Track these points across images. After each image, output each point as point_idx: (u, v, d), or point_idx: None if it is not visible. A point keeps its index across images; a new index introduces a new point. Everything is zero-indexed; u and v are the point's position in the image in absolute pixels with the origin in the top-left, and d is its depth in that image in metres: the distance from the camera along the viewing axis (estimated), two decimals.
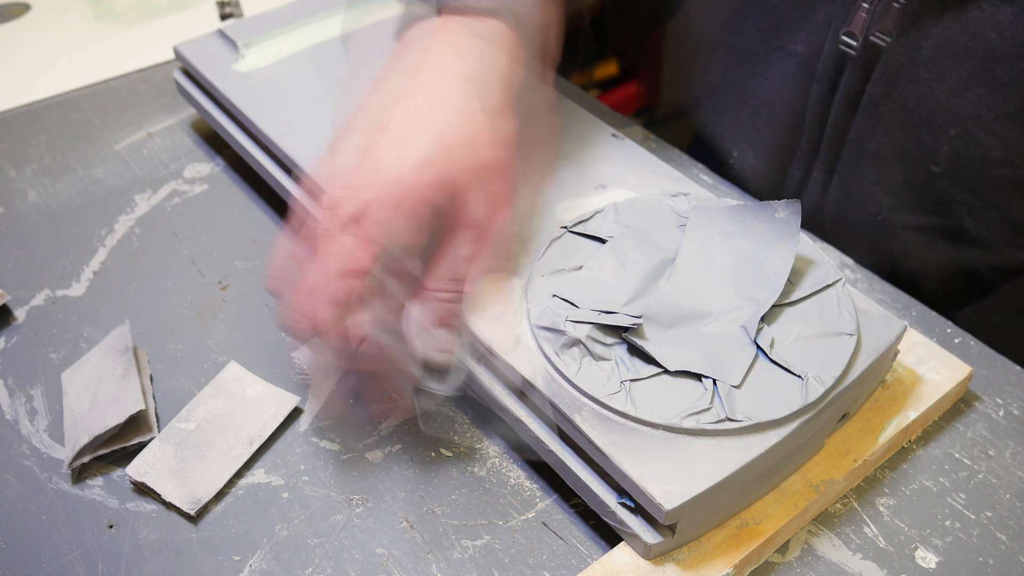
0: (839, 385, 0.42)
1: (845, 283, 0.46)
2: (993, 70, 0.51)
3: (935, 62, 0.52)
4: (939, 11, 0.51)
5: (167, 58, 0.76)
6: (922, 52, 0.53)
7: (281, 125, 0.58)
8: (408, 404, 0.48)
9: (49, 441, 0.49)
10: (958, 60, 0.52)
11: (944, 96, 0.53)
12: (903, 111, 0.55)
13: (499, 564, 0.43)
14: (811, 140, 0.61)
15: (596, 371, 0.42)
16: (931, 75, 0.53)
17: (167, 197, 0.63)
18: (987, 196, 0.54)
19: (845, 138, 0.59)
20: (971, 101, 0.52)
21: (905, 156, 0.56)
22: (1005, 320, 0.58)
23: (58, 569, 0.43)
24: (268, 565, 0.43)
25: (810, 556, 0.43)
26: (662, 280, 0.46)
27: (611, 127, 0.57)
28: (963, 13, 0.50)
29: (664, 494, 0.39)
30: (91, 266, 0.59)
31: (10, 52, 0.78)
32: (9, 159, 0.67)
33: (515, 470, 0.47)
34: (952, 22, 0.51)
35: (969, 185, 0.54)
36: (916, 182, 0.57)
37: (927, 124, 0.54)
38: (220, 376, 0.50)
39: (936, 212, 0.57)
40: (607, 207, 0.50)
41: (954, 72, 0.52)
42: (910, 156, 0.56)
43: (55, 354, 0.53)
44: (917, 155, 0.56)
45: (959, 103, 0.52)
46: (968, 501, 0.45)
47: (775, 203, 0.47)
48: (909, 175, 0.57)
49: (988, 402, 0.49)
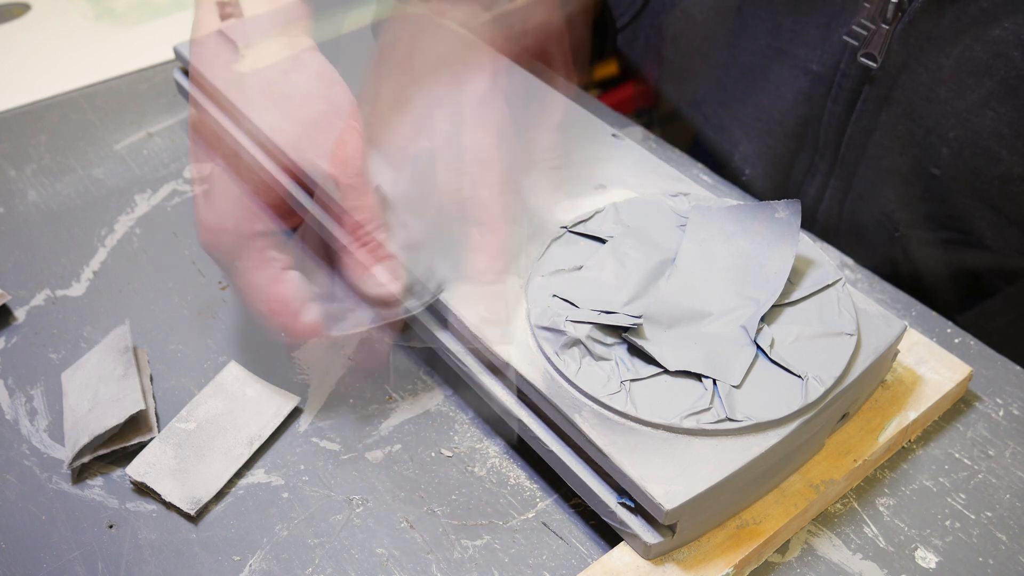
0: (839, 385, 0.42)
1: (845, 283, 0.46)
2: (1016, 88, 0.50)
3: (955, 81, 0.52)
4: (960, 30, 0.51)
5: (167, 58, 0.76)
6: (942, 71, 0.52)
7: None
8: (382, 356, 0.49)
9: (49, 441, 0.49)
10: (979, 79, 0.51)
11: (964, 115, 0.52)
12: (921, 129, 0.54)
13: (499, 564, 0.43)
14: (813, 147, 0.61)
15: (596, 371, 0.42)
16: (951, 94, 0.52)
17: (167, 197, 0.63)
18: (1008, 212, 0.54)
19: (850, 146, 0.59)
20: (992, 119, 0.52)
21: (923, 173, 0.56)
22: (1008, 324, 0.58)
23: (58, 569, 0.43)
24: (268, 565, 0.43)
25: (810, 556, 0.43)
26: (662, 280, 0.46)
27: (611, 127, 0.57)
28: (985, 31, 0.50)
29: (664, 494, 0.39)
30: (91, 266, 0.59)
31: (10, 52, 0.78)
32: (9, 159, 0.67)
33: (515, 470, 0.47)
34: (973, 40, 0.51)
35: (989, 201, 0.54)
36: (932, 199, 0.56)
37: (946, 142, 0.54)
38: (220, 376, 0.50)
39: (950, 226, 0.57)
40: (607, 207, 0.50)
41: (975, 91, 0.52)
42: (928, 174, 0.56)
43: (55, 354, 0.53)
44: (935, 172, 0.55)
45: (980, 121, 0.52)
46: (968, 501, 0.45)
47: (775, 203, 0.47)
48: (926, 192, 0.57)
49: (988, 402, 0.49)
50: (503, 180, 0.46)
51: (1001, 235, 0.55)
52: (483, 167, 0.46)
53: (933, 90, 0.53)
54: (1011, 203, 0.53)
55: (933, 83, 0.53)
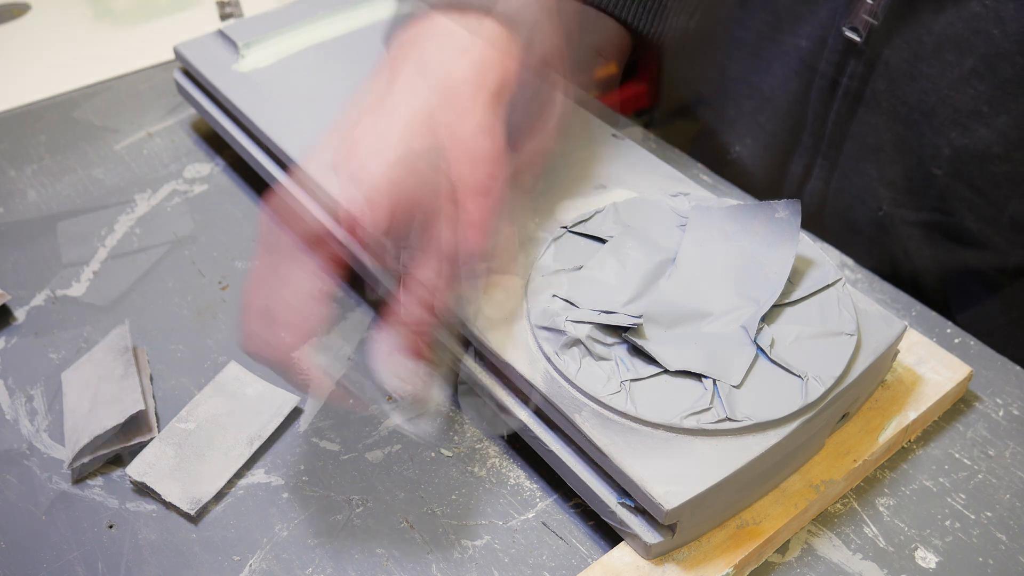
0: (839, 385, 0.42)
1: (845, 283, 0.46)
2: (995, 66, 0.50)
3: (936, 57, 0.52)
4: (940, 4, 0.51)
5: (167, 58, 0.76)
6: (924, 46, 0.53)
7: (281, 125, 0.58)
8: (423, 392, 0.45)
9: (49, 441, 0.49)
10: (960, 55, 0.51)
11: (945, 91, 0.53)
12: (904, 106, 0.55)
13: (499, 564, 0.43)
14: (812, 135, 0.61)
15: (596, 371, 0.42)
16: (933, 70, 0.53)
17: (167, 197, 0.63)
18: (987, 192, 0.54)
19: (846, 132, 0.59)
20: (972, 96, 0.52)
21: (905, 151, 0.56)
22: (1009, 324, 0.58)
23: (58, 569, 0.43)
24: (268, 565, 0.43)
25: (810, 556, 0.43)
26: (662, 280, 0.46)
27: (611, 127, 0.57)
28: (965, 7, 0.50)
29: (664, 494, 0.39)
30: (91, 266, 0.59)
31: (10, 52, 0.78)
32: (9, 159, 0.67)
33: (515, 470, 0.47)
34: (954, 16, 0.51)
35: (969, 180, 0.54)
36: (916, 177, 0.57)
37: (928, 119, 0.54)
38: (220, 376, 0.50)
39: (936, 208, 0.57)
40: (607, 207, 0.50)
41: (956, 67, 0.52)
42: (910, 151, 0.56)
43: (55, 354, 0.53)
44: (917, 150, 0.56)
45: (960, 98, 0.52)
46: (968, 501, 0.45)
47: (775, 203, 0.47)
48: (909, 170, 0.57)
49: (988, 402, 0.49)
50: (486, 161, 0.44)
51: (981, 217, 0.55)
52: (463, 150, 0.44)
53: (915, 66, 0.54)
54: (989, 183, 0.54)
55: (915, 59, 0.53)
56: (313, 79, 0.62)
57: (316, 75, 0.62)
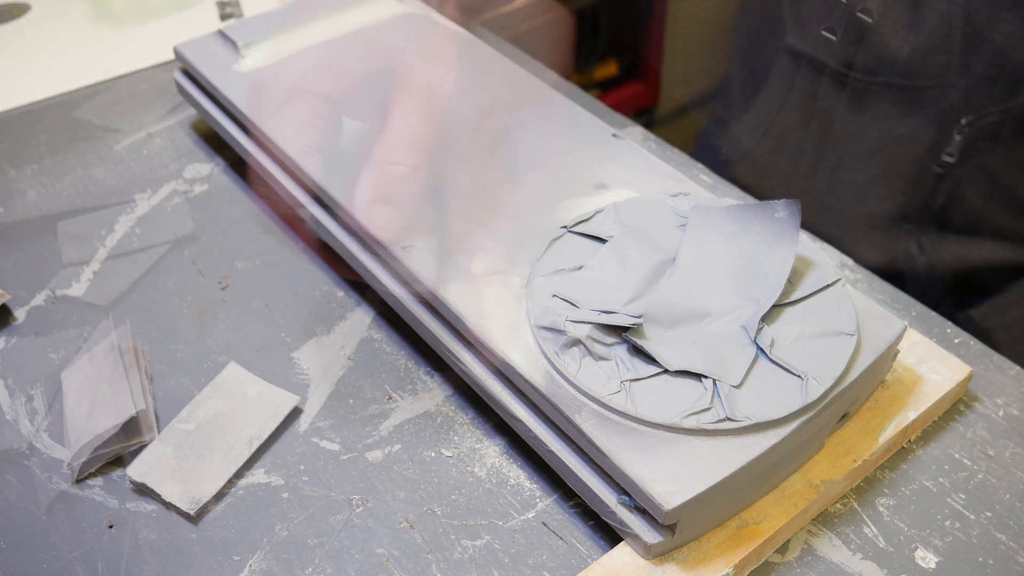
0: (839, 385, 0.42)
1: (845, 283, 0.46)
2: (979, 49, 0.51)
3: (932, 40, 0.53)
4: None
5: (167, 58, 0.76)
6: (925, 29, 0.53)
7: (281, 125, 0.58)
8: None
9: (49, 441, 0.49)
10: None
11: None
12: (908, 101, 0.55)
13: (499, 564, 0.43)
14: (816, 134, 0.61)
15: (596, 371, 0.42)
16: (932, 53, 0.53)
17: (167, 197, 0.63)
18: (995, 182, 0.54)
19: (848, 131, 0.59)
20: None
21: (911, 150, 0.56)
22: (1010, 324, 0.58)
23: (58, 569, 0.43)
24: (268, 565, 0.43)
25: (810, 556, 0.43)
26: (662, 280, 0.46)
27: (611, 127, 0.57)
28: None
29: (664, 494, 0.39)
30: (91, 266, 0.59)
31: (10, 52, 0.78)
32: (9, 159, 0.67)
33: (515, 470, 0.47)
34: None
35: (978, 171, 0.54)
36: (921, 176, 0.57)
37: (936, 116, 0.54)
38: (220, 376, 0.50)
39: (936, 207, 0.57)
40: (607, 207, 0.50)
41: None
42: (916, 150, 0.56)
43: (55, 354, 0.53)
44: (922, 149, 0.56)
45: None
46: (968, 501, 0.45)
47: (775, 203, 0.47)
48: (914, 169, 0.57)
49: (988, 402, 0.49)
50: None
51: (983, 213, 0.55)
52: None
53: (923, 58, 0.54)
54: (999, 172, 0.54)
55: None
56: (313, 79, 0.62)
57: (316, 75, 0.62)
